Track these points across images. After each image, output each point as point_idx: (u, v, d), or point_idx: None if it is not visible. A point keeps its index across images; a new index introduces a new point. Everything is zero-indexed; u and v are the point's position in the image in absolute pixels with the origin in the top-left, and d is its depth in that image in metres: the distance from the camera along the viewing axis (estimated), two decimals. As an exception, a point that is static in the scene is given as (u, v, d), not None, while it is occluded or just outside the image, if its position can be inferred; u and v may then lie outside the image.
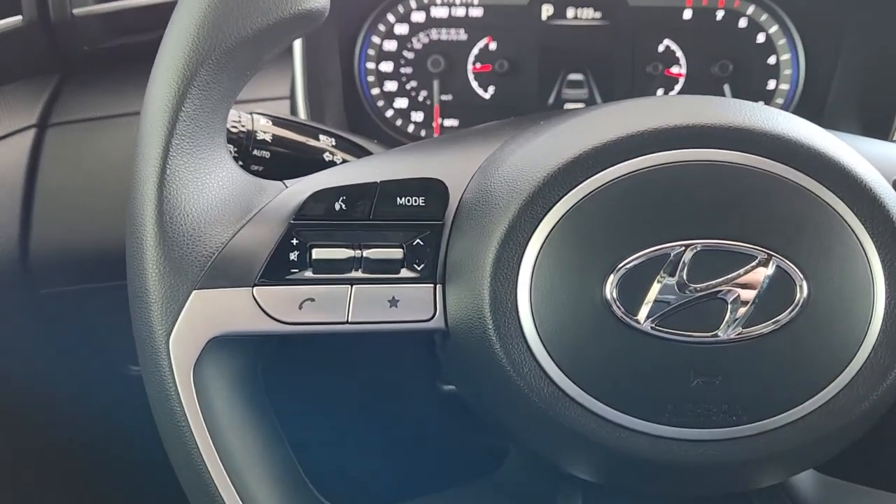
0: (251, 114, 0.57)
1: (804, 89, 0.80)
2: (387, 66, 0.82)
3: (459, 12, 0.81)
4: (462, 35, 0.81)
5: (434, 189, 0.42)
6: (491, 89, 0.82)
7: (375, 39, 0.81)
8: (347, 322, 0.40)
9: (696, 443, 0.39)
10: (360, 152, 0.59)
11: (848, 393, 0.38)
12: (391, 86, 0.82)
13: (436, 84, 0.81)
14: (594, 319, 0.38)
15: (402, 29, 0.81)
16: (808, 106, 0.80)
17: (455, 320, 0.40)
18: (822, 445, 0.40)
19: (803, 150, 0.38)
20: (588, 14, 0.81)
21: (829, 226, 0.38)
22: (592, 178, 0.38)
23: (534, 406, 0.39)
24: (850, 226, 0.38)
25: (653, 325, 0.38)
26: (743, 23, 0.80)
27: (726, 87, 0.80)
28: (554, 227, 0.38)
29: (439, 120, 0.82)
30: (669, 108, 0.40)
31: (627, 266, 0.38)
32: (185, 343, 0.39)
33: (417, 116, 0.82)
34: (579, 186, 0.38)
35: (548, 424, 0.39)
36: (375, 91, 0.82)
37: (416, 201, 0.42)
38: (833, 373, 0.38)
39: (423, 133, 0.83)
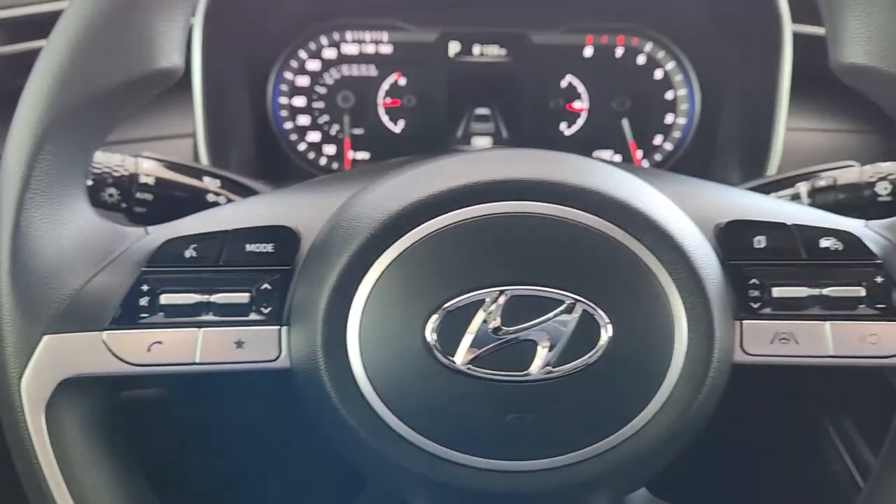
0: (136, 157, 0.59)
1: (700, 123, 0.84)
2: (300, 101, 0.84)
3: (370, 49, 0.84)
4: (372, 71, 0.84)
5: (283, 235, 0.45)
6: (401, 123, 0.85)
7: (288, 75, 0.84)
8: (195, 363, 0.43)
9: (514, 474, 0.41)
10: (246, 193, 0.62)
11: (652, 426, 0.41)
12: (304, 120, 0.85)
13: (346, 118, 0.84)
14: (417, 360, 0.41)
15: (314, 65, 0.84)
16: (704, 139, 0.84)
17: (295, 361, 0.43)
18: (629, 475, 0.43)
19: (609, 201, 0.41)
20: (493, 51, 0.85)
21: (633, 272, 0.41)
22: (416, 229, 0.41)
23: (365, 443, 0.41)
24: (653, 271, 0.41)
25: (469, 366, 0.41)
26: (641, 59, 0.83)
27: (625, 122, 0.83)
28: (382, 273, 0.41)
29: (350, 153, 0.85)
30: (489, 163, 0.43)
31: (446, 310, 0.41)
32: (36, 384, 0.42)
33: (330, 150, 0.85)
34: (405, 236, 0.41)
35: (381, 460, 0.42)
36: (288, 125, 0.85)
37: (265, 247, 0.44)
38: (637, 408, 0.41)
39: (335, 166, 0.86)
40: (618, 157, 0.85)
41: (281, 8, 0.82)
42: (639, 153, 0.84)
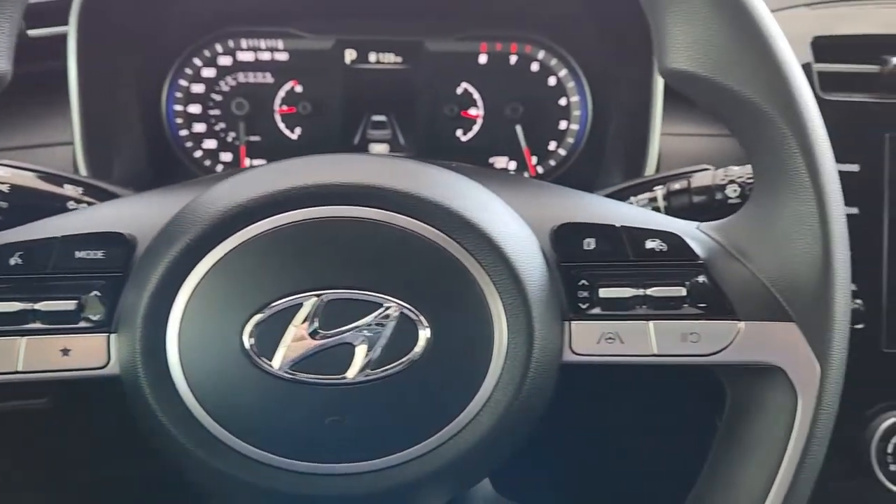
0: (-8, 165, 0.59)
1: (592, 129, 0.85)
2: (195, 109, 0.84)
3: (265, 56, 0.84)
4: (268, 78, 0.84)
5: (114, 242, 0.44)
6: (298, 130, 0.85)
7: (183, 82, 0.84)
8: (17, 372, 0.43)
9: (336, 477, 0.41)
10: (111, 199, 0.62)
11: (473, 427, 0.42)
12: (200, 127, 0.84)
13: (241, 125, 0.84)
14: (235, 365, 0.41)
15: (209, 72, 0.84)
16: (596, 144, 0.85)
17: (121, 368, 0.42)
18: (456, 476, 0.43)
19: (426, 203, 0.42)
20: (389, 59, 0.85)
21: (451, 274, 0.42)
22: (235, 234, 0.41)
23: (186, 451, 0.41)
24: (471, 273, 0.42)
25: (287, 370, 0.41)
26: (535, 67, 0.84)
27: (518, 128, 0.84)
28: (202, 278, 0.41)
29: (247, 161, 0.85)
30: (308, 169, 0.44)
31: (265, 315, 0.41)
32: None
33: (226, 157, 0.85)
34: (224, 241, 0.41)
35: (203, 468, 0.42)
36: (184, 133, 0.84)
37: (95, 254, 0.44)
38: (457, 409, 0.42)
39: (231, 173, 0.85)
40: (513, 164, 0.86)
41: (174, 15, 0.82)
42: (533, 159, 0.86)
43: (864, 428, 0.66)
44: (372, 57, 0.85)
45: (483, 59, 0.85)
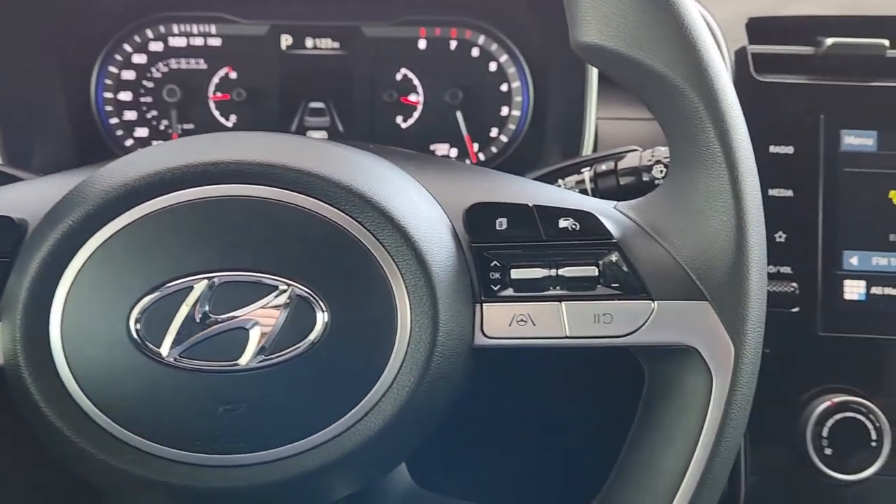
0: None
1: (534, 115, 0.84)
2: (125, 96, 0.82)
3: (198, 42, 0.82)
4: (202, 64, 0.82)
5: (1, 226, 0.42)
6: (233, 118, 0.83)
7: (112, 69, 0.81)
8: None
9: (230, 469, 0.40)
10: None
11: (375, 414, 0.40)
12: (131, 115, 0.82)
13: (173, 113, 0.81)
14: (122, 353, 0.39)
15: (140, 59, 0.81)
16: (538, 130, 0.84)
17: (3, 358, 0.40)
18: (361, 464, 0.42)
19: (324, 182, 0.40)
20: (326, 44, 0.83)
21: (351, 254, 0.40)
22: (121, 215, 0.39)
23: (73, 445, 0.39)
24: (373, 254, 0.40)
25: (177, 357, 0.39)
26: (475, 52, 0.83)
27: (459, 115, 0.83)
28: (85, 261, 0.39)
29: (180, 149, 0.83)
30: (200, 147, 0.42)
31: (152, 300, 0.39)
32: None
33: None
34: (109, 224, 0.39)
35: (93, 463, 0.40)
36: (114, 121, 0.82)
37: None
38: (358, 395, 0.40)
39: (164, 162, 0.83)
40: (454, 151, 0.84)
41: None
42: (475, 146, 0.84)
43: (800, 412, 0.65)
44: (308, 42, 0.83)
45: (422, 44, 0.83)
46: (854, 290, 0.66)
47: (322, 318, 0.39)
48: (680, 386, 0.43)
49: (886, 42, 0.67)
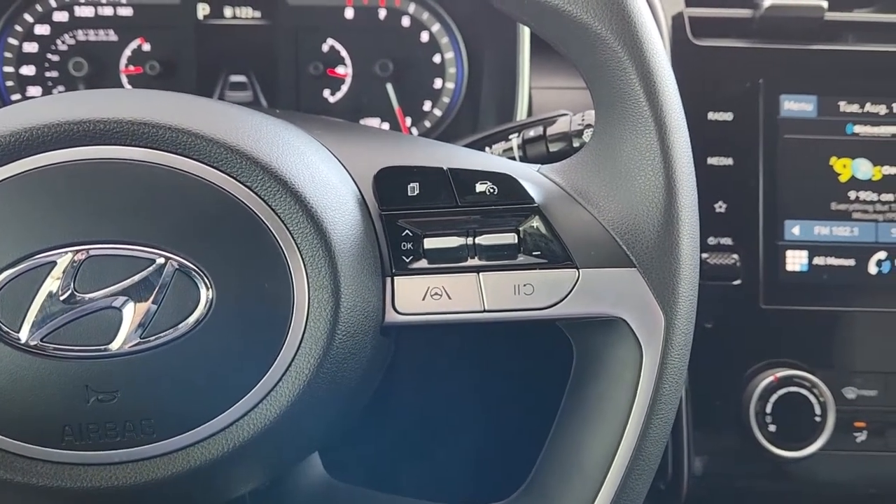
0: None
1: (469, 87, 0.80)
2: (28, 70, 0.76)
3: (107, 11, 0.76)
4: (112, 36, 0.77)
5: None
6: (147, 93, 0.78)
7: (12, 41, 0.75)
8: None
9: (104, 466, 0.35)
10: None
11: (273, 399, 0.36)
12: (35, 91, 0.76)
13: (82, 88, 0.76)
14: None
15: (42, 29, 0.75)
16: (473, 102, 0.80)
17: None
18: (265, 453, 0.37)
19: (207, 142, 0.36)
20: (247, 13, 0.78)
21: (241, 224, 0.36)
22: None
23: None
24: (265, 222, 0.36)
25: (39, 342, 0.35)
26: (406, 21, 0.79)
27: (389, 87, 0.79)
28: None
29: (89, 126, 0.77)
30: (65, 104, 0.37)
31: (8, 277, 0.34)
32: None
33: (66, 123, 0.77)
34: None
35: None
36: (16, 97, 0.76)
37: None
38: (252, 379, 0.36)
39: (72, 141, 0.77)
40: (385, 125, 0.80)
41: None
42: (407, 120, 0.80)
43: (744, 388, 0.63)
44: (227, 11, 0.78)
45: (349, 13, 0.79)
46: (796, 260, 0.64)
47: (206, 294, 0.35)
48: (608, 360, 0.40)
49: (825, 4, 0.65)
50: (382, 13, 0.79)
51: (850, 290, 0.64)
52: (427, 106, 0.80)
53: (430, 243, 0.39)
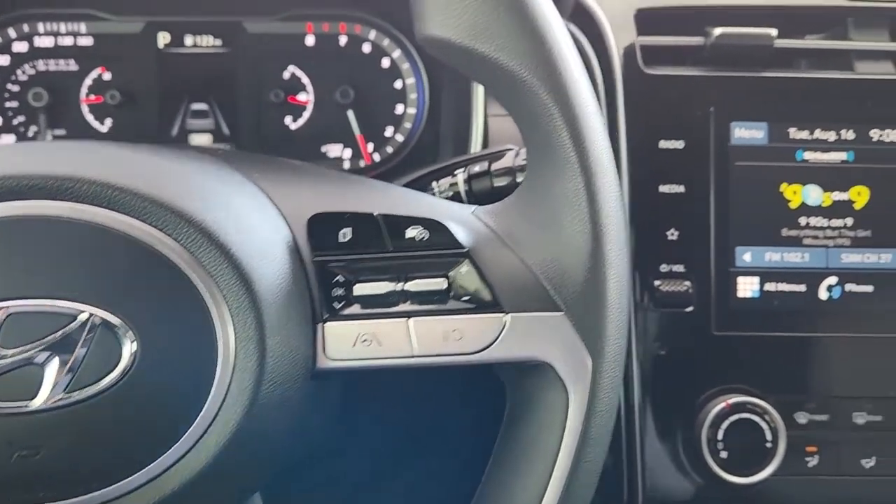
0: None
1: (430, 112, 0.80)
2: (-12, 101, 0.76)
3: (67, 41, 0.76)
4: (72, 65, 0.77)
5: None
6: (108, 122, 0.78)
7: (-28, 72, 0.75)
8: None
9: None
10: None
11: (199, 450, 0.36)
12: (-5, 121, 0.76)
13: (42, 118, 0.76)
14: None
15: (2, 60, 0.76)
16: (436, 129, 0.81)
17: None
18: None
19: (126, 193, 0.36)
20: (207, 42, 0.79)
21: (161, 275, 0.36)
22: None
23: None
24: (187, 273, 0.36)
25: (-39, 399, 0.35)
26: (367, 48, 0.79)
27: (350, 114, 0.79)
28: None
29: (50, 156, 0.77)
30: None
31: None
32: None
33: (27, 153, 0.77)
34: None
35: None
36: (-23, 128, 0.76)
37: None
38: (176, 432, 0.36)
39: (33, 171, 0.77)
40: (348, 152, 0.81)
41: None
42: (370, 146, 0.81)
43: (696, 415, 0.64)
44: (188, 40, 0.78)
45: (310, 40, 0.79)
46: (748, 287, 0.65)
47: (130, 347, 0.35)
48: (537, 403, 0.40)
49: (774, 32, 0.66)
50: (343, 40, 0.79)
51: (801, 315, 0.65)
52: (389, 131, 0.81)
53: (360, 289, 0.40)
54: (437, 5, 0.40)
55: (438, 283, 0.40)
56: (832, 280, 0.65)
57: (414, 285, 0.40)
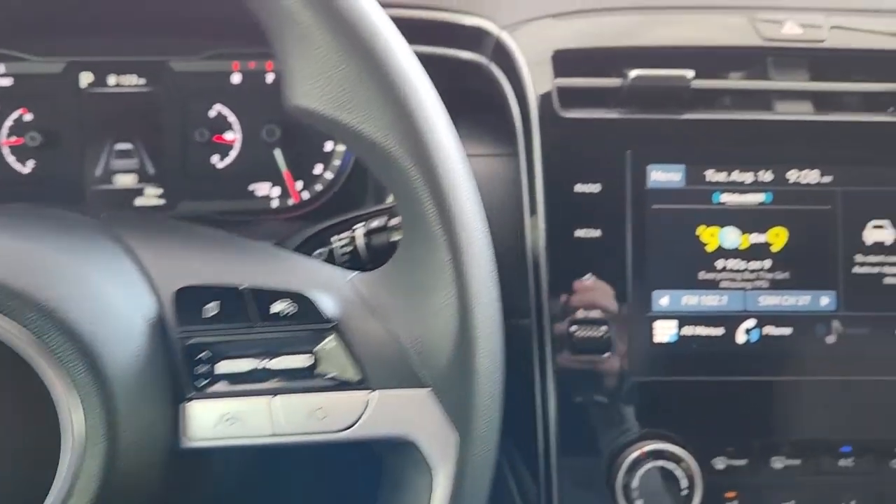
0: None
1: (359, 150, 0.80)
2: None
3: (-14, 82, 0.76)
4: (-8, 106, 0.76)
5: None
6: (30, 163, 0.77)
7: None
8: None
9: None
10: None
11: None
12: None
13: (-39, 160, 0.75)
14: None
15: (-83, 103, 0.75)
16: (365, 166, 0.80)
17: None
18: None
19: None
20: (131, 81, 0.78)
21: (8, 361, 0.35)
22: None
23: None
24: (32, 355, 0.35)
25: None
26: (294, 85, 0.79)
27: (277, 152, 0.79)
28: None
29: (-30, 200, 0.76)
30: None
31: None
32: None
33: (-55, 197, 0.76)
34: None
35: None
36: None
37: None
38: None
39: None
40: (276, 190, 0.80)
41: None
42: (298, 184, 0.80)
43: (612, 462, 0.63)
44: (111, 79, 0.78)
45: (237, 78, 0.78)
46: (665, 331, 0.64)
47: None
48: (405, 482, 0.40)
49: (691, 73, 0.65)
50: (270, 77, 0.79)
51: (719, 359, 0.64)
52: (318, 169, 0.80)
53: (223, 367, 0.39)
54: (302, 75, 0.39)
55: (303, 360, 0.39)
56: (750, 323, 0.65)
57: (278, 362, 0.39)
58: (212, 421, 0.39)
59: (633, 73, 0.65)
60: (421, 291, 0.40)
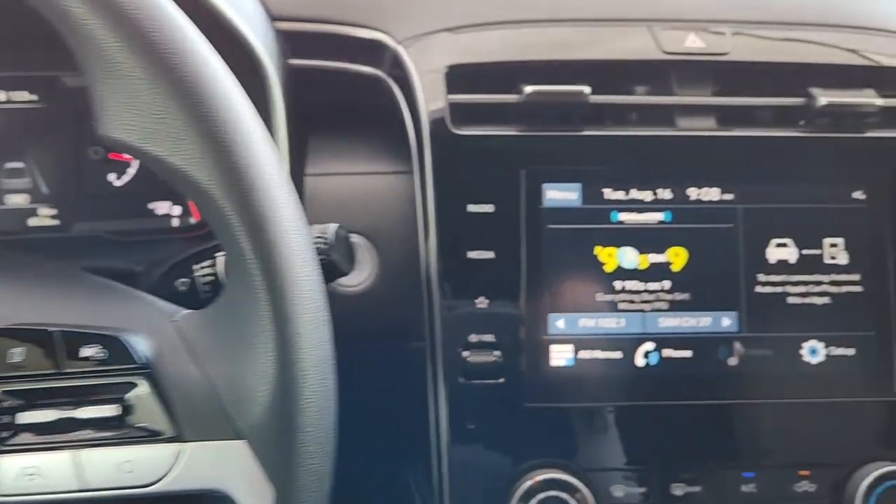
0: None
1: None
2: None
3: None
4: None
5: None
6: (-86, 186, 0.74)
7: None
8: None
9: None
10: None
11: None
12: None
13: None
14: None
15: None
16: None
17: None
18: None
19: None
20: (22, 97, 0.75)
21: None
22: None
23: None
24: None
25: None
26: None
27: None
28: None
29: None
30: None
31: None
32: None
33: None
34: None
35: None
36: None
37: None
38: None
39: None
40: (177, 209, 0.77)
41: None
42: (200, 202, 0.77)
43: (506, 491, 0.61)
44: (1, 96, 0.75)
45: (133, 93, 0.76)
46: (561, 355, 0.62)
47: None
48: (223, 537, 0.37)
49: (588, 88, 0.63)
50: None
51: (617, 383, 0.62)
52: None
53: (24, 418, 0.36)
54: (112, 106, 0.37)
55: (111, 410, 0.36)
56: (649, 346, 0.62)
57: (84, 412, 0.36)
58: (11, 475, 0.36)
59: (529, 88, 0.63)
60: (240, 335, 0.37)
